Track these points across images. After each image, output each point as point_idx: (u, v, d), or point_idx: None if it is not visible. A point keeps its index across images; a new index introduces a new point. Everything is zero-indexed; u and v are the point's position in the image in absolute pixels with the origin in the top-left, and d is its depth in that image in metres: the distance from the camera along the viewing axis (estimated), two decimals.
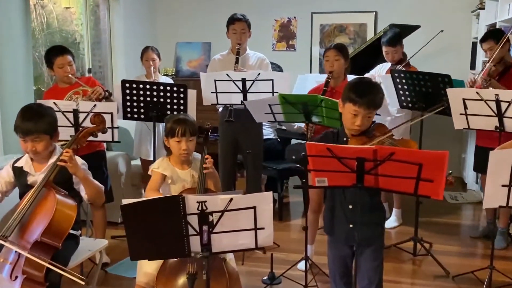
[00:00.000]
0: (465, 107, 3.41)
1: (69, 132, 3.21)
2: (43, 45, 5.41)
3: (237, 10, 4.45)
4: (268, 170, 4.94)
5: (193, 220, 2.12)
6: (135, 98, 3.85)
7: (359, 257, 2.42)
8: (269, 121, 4.17)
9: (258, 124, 4.21)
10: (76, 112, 3.33)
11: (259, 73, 3.77)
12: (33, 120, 2.62)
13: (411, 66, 4.44)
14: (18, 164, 2.76)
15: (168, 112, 3.87)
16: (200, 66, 6.58)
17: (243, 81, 3.76)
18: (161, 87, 3.83)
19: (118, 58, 6.02)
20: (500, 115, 3.31)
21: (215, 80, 3.79)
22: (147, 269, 2.57)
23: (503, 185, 2.58)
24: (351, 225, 2.45)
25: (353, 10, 6.19)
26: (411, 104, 3.99)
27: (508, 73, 3.99)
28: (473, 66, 5.70)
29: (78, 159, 2.71)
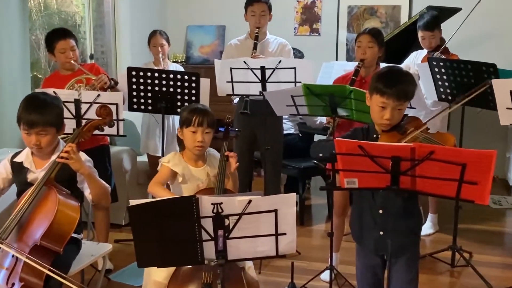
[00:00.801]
0: None
1: (69, 124, 3.23)
2: (40, 28, 5.47)
3: None
4: (288, 169, 4.93)
5: (208, 224, 2.13)
6: (142, 87, 3.87)
7: (391, 268, 2.41)
8: (291, 114, 4.17)
9: (278, 118, 4.21)
10: (78, 103, 3.36)
11: (280, 61, 3.77)
12: (39, 111, 2.64)
13: (452, 53, 4.40)
14: (17, 159, 2.78)
15: (179, 104, 3.89)
16: (213, 52, 6.60)
17: (262, 69, 3.76)
18: (171, 76, 3.85)
19: (122, 43, 6.05)
20: None
21: (231, 68, 3.79)
22: (156, 277, 2.59)
23: None
24: (381, 232, 2.45)
25: None
26: (450, 96, 3.96)
27: None
28: None
29: (83, 155, 2.73)
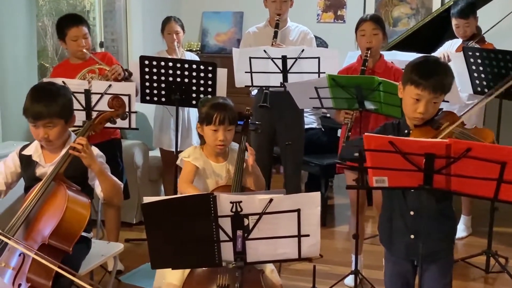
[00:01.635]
0: None
1: (79, 116, 3.24)
2: (48, 14, 5.52)
3: None
4: (310, 166, 4.92)
5: (226, 224, 2.14)
6: (155, 77, 3.89)
7: (423, 275, 2.39)
8: (314, 108, 4.16)
9: (300, 111, 4.20)
10: (88, 94, 3.38)
11: (303, 50, 3.76)
12: (45, 102, 2.66)
13: (487, 42, 4.35)
14: (25, 152, 2.80)
15: (194, 95, 3.90)
16: (230, 40, 6.60)
17: (284, 58, 3.75)
18: (186, 65, 3.86)
19: (134, 30, 6.07)
20: None
21: (250, 58, 3.79)
22: (171, 279, 2.61)
23: None
24: (412, 236, 2.44)
25: None
26: (486, 89, 3.91)
27: None
28: None
29: (95, 150, 2.75)
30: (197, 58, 4.64)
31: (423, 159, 2.08)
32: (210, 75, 3.85)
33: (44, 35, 5.44)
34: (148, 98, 3.96)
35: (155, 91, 3.92)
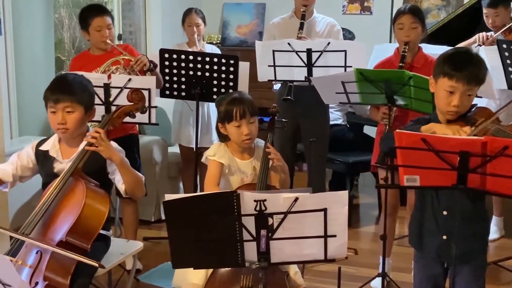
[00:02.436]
0: None
1: (98, 111, 3.25)
2: (65, 6, 5.55)
3: None
4: (335, 163, 4.90)
5: (249, 223, 2.14)
6: (175, 71, 3.90)
7: (456, 277, 2.37)
8: (340, 103, 4.14)
9: (324, 106, 4.19)
10: (107, 87, 3.39)
11: (329, 42, 3.74)
12: (67, 87, 2.70)
13: None
14: (43, 147, 2.81)
15: (215, 90, 3.90)
16: (251, 33, 6.60)
17: (309, 52, 3.74)
18: (207, 59, 3.86)
19: (153, 22, 6.09)
20: None
21: (274, 51, 3.78)
22: (193, 279, 2.62)
23: None
24: (444, 237, 2.42)
25: None
26: None
27: None
28: None
29: (113, 144, 2.76)
30: (218, 51, 4.64)
31: (457, 158, 2.07)
32: (231, 68, 3.85)
33: (60, 27, 5.47)
34: (167, 92, 3.97)
35: (175, 85, 3.94)
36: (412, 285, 2.68)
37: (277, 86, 4.42)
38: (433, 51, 4.03)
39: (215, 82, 3.88)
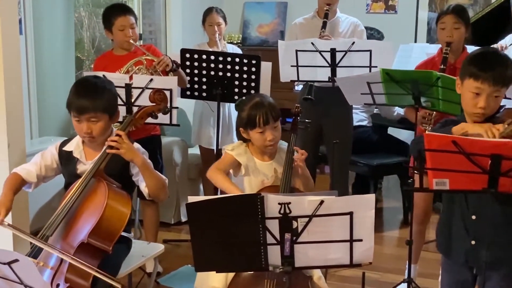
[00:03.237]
0: None
1: (120, 112, 3.28)
2: (84, 5, 5.60)
3: None
4: (358, 166, 4.89)
5: (273, 226, 2.13)
6: (196, 71, 3.92)
7: (485, 284, 2.35)
8: (365, 104, 4.12)
9: (348, 107, 4.18)
10: (129, 88, 3.42)
11: (354, 42, 3.73)
12: (90, 96, 2.70)
13: None
14: (66, 148, 2.84)
15: (236, 90, 3.91)
16: (273, 32, 6.60)
17: (333, 51, 3.73)
18: (229, 59, 3.88)
19: (174, 22, 6.12)
20: None
21: (297, 51, 3.77)
22: (214, 283, 2.62)
23: None
24: (473, 242, 2.39)
25: None
26: None
27: None
28: None
29: (136, 146, 2.78)
30: (239, 51, 4.65)
31: (489, 161, 2.05)
32: (253, 69, 3.86)
33: (80, 26, 5.52)
34: (188, 93, 4.00)
35: (196, 86, 3.96)
36: None
37: (298, 87, 4.41)
38: None
39: (236, 83, 3.90)
